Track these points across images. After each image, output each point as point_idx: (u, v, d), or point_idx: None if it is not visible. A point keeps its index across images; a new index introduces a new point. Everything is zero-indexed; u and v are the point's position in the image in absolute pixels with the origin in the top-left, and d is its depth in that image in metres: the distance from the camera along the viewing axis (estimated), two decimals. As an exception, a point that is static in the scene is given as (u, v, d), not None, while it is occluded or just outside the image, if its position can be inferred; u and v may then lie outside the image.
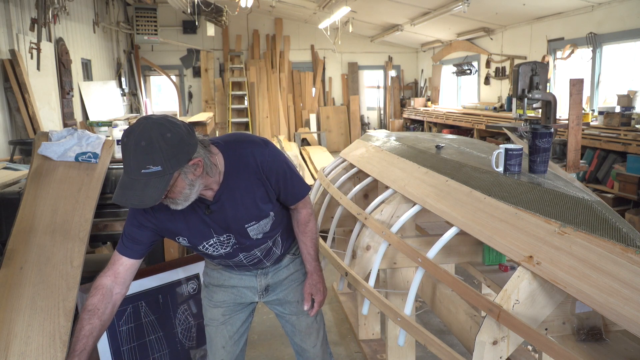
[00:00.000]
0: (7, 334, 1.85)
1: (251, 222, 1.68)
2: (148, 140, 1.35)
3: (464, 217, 1.98)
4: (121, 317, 2.12)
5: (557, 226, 1.59)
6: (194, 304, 2.30)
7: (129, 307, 2.14)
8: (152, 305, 2.19)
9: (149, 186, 1.37)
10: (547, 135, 2.15)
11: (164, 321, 2.21)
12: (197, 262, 2.37)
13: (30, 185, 2.30)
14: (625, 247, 1.38)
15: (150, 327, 2.16)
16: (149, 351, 2.16)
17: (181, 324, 2.23)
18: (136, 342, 2.13)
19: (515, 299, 1.55)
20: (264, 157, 1.63)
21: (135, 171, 1.36)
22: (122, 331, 2.11)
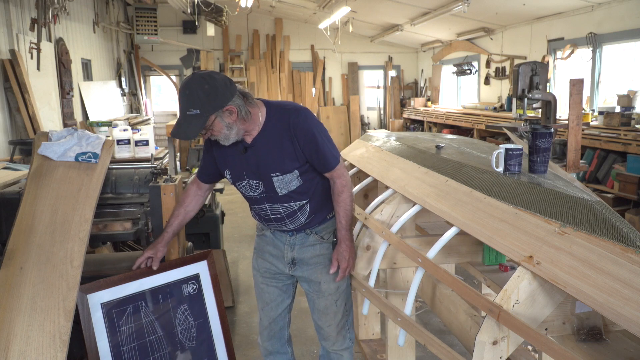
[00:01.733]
0: (7, 334, 1.85)
1: (276, 172, 1.94)
2: (190, 89, 1.79)
3: (464, 217, 1.98)
4: (121, 317, 2.11)
5: (557, 226, 1.59)
6: (194, 303, 2.29)
7: (129, 307, 2.13)
8: (152, 306, 2.19)
9: (191, 125, 1.80)
10: (547, 135, 2.15)
11: (164, 321, 2.20)
12: (198, 262, 2.36)
13: (30, 185, 2.30)
14: (625, 247, 1.38)
15: (150, 328, 2.15)
16: (149, 351, 2.15)
17: (181, 324, 2.22)
18: (136, 342, 2.12)
19: (515, 299, 1.55)
20: (298, 119, 1.92)
21: (183, 113, 1.80)
22: (122, 331, 2.10)
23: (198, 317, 2.29)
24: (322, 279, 2.11)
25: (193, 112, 1.78)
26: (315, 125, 1.96)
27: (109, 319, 2.11)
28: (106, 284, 2.13)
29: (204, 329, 2.30)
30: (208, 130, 1.86)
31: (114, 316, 2.12)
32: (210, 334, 2.31)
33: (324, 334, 2.20)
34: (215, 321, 2.32)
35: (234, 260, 4.79)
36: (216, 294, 2.34)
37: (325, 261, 2.11)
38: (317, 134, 1.94)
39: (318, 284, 2.11)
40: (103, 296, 2.12)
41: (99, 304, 2.11)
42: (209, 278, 2.32)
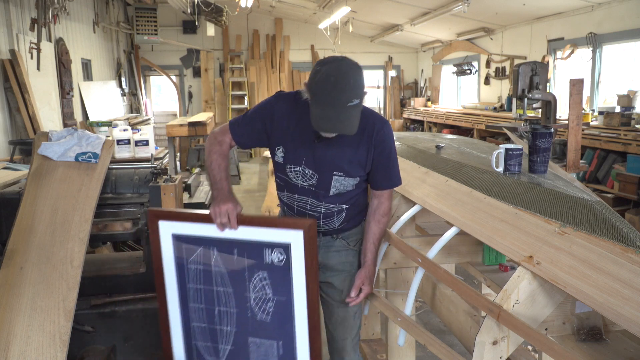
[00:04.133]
0: (7, 334, 1.85)
1: (340, 172, 1.85)
2: (354, 78, 1.65)
3: (464, 217, 1.98)
4: (190, 255, 1.89)
5: (557, 226, 1.59)
6: (277, 276, 1.84)
7: (200, 249, 1.89)
8: (225, 257, 1.88)
9: (352, 116, 1.66)
10: (547, 135, 2.15)
11: (235, 279, 1.87)
12: (292, 229, 1.82)
13: (30, 185, 2.30)
14: (625, 247, 1.38)
15: (220, 278, 1.88)
16: (215, 301, 1.90)
17: (256, 291, 1.87)
18: (203, 285, 1.90)
19: (515, 299, 1.55)
20: (383, 128, 1.86)
21: (343, 104, 1.63)
22: (190, 270, 1.90)
23: (279, 293, 1.86)
24: (344, 287, 1.99)
25: (354, 103, 1.65)
26: (393, 140, 1.91)
27: (179, 252, 1.90)
28: (178, 216, 1.91)
29: (284, 310, 1.85)
30: None
31: (183, 251, 1.90)
32: (292, 320, 1.85)
33: (338, 347, 2.06)
34: (302, 308, 1.83)
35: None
36: (309, 277, 1.81)
37: (352, 269, 2.01)
38: (393, 151, 1.91)
39: (341, 292, 1.99)
40: (175, 227, 1.89)
41: (170, 233, 1.90)
42: (303, 253, 1.80)
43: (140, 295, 2.44)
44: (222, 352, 1.92)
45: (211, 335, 1.92)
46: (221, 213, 1.75)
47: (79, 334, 2.32)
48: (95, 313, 2.36)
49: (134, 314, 2.40)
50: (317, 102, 1.66)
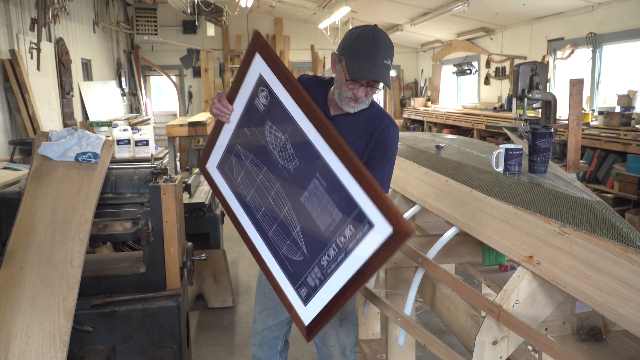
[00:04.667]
0: (7, 334, 1.86)
1: None
2: (389, 40, 1.70)
3: (464, 217, 1.98)
4: (232, 171, 1.90)
5: (557, 226, 1.59)
6: (274, 114, 1.68)
7: (232, 157, 1.89)
8: (244, 143, 1.83)
9: (387, 73, 1.69)
10: (547, 135, 2.15)
11: (261, 154, 1.76)
12: (251, 60, 1.70)
13: (30, 185, 2.30)
14: (625, 247, 1.38)
15: (255, 167, 1.80)
16: (266, 194, 1.77)
17: (274, 146, 1.70)
18: (253, 189, 1.82)
19: (515, 299, 1.55)
20: (389, 129, 1.83)
21: (380, 60, 1.65)
22: (240, 184, 1.87)
23: (284, 128, 1.67)
24: None
25: (388, 62, 1.68)
26: (395, 147, 1.86)
27: (227, 178, 1.93)
28: (207, 151, 1.97)
29: (297, 137, 1.62)
30: (376, 86, 1.72)
31: (228, 174, 1.92)
32: (308, 140, 1.59)
33: (323, 355, 2.06)
34: (307, 124, 1.59)
35: (234, 260, 4.79)
36: (291, 90, 1.61)
37: None
38: (391, 155, 1.83)
39: None
40: (214, 161, 1.96)
41: (215, 168, 1.97)
42: (270, 70, 1.64)
43: (140, 295, 2.44)
44: (298, 238, 1.70)
45: (282, 230, 1.73)
46: (213, 102, 1.83)
47: (79, 334, 2.32)
48: (95, 313, 2.36)
49: (134, 314, 2.40)
50: (355, 56, 1.67)
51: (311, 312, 1.64)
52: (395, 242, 1.39)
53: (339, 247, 1.53)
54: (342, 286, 1.54)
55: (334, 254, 1.54)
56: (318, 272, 1.60)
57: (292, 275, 1.69)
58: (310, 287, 1.63)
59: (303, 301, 1.65)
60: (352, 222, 1.48)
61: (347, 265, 1.52)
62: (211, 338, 3.31)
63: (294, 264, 1.67)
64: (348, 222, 1.49)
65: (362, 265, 1.48)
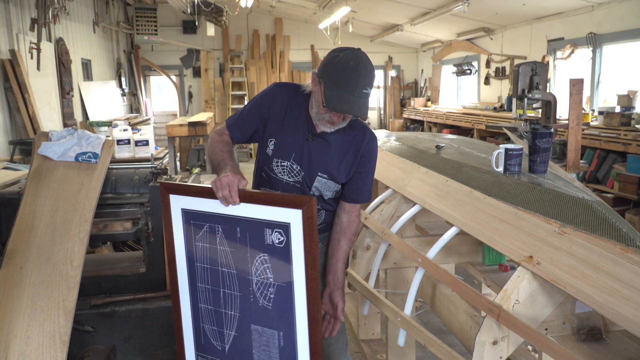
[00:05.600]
0: (7, 334, 1.86)
1: (324, 174, 1.85)
2: (371, 67, 1.70)
3: (464, 217, 1.98)
4: (198, 232, 1.84)
5: (557, 226, 1.59)
6: (277, 258, 1.72)
7: (206, 226, 1.83)
8: (229, 235, 1.79)
9: (365, 103, 1.69)
10: (547, 135, 2.15)
11: (239, 259, 1.78)
12: (290, 207, 1.68)
13: (30, 185, 2.30)
14: (625, 247, 1.38)
15: (224, 259, 1.81)
16: (220, 282, 1.81)
17: (258, 274, 1.76)
18: (209, 265, 1.84)
19: (515, 299, 1.55)
20: (372, 142, 1.87)
21: (359, 90, 1.66)
22: (198, 247, 1.84)
23: (280, 278, 1.72)
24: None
25: (368, 91, 1.69)
26: (376, 156, 1.92)
27: (187, 228, 1.83)
28: (186, 190, 1.83)
29: (285, 297, 1.71)
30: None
31: (191, 228, 1.83)
32: (292, 308, 1.70)
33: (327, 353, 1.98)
34: (301, 295, 1.68)
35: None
36: (307, 260, 1.66)
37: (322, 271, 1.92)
38: (373, 168, 1.90)
39: None
40: (184, 201, 1.83)
41: (179, 208, 1.84)
42: (301, 234, 1.64)
43: (140, 295, 2.44)
44: (227, 338, 1.86)
45: (217, 318, 1.85)
46: (222, 185, 1.63)
47: (79, 334, 2.32)
48: (95, 313, 2.36)
49: (134, 314, 2.40)
50: (334, 85, 1.68)
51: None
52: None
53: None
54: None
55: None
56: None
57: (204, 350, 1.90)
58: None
59: None
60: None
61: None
62: (211, 338, 3.30)
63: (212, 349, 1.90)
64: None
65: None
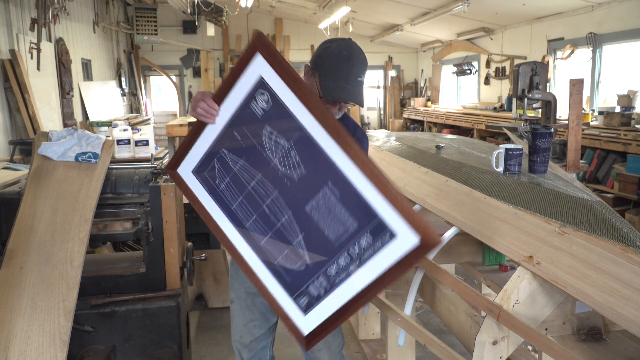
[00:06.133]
0: (7, 334, 1.86)
1: None
2: (363, 56, 1.71)
3: (464, 217, 1.98)
4: (214, 177, 1.75)
5: (557, 226, 1.59)
6: (275, 118, 1.57)
7: (215, 162, 1.74)
8: (233, 148, 1.68)
9: (361, 91, 1.72)
10: (547, 135, 2.15)
11: (255, 161, 1.64)
12: (250, 60, 1.56)
13: (30, 185, 2.30)
14: (625, 247, 1.38)
15: (246, 174, 1.68)
16: (259, 202, 1.66)
17: (274, 153, 1.59)
18: (241, 196, 1.71)
19: (515, 299, 1.55)
20: (361, 139, 1.88)
21: (354, 78, 1.68)
22: (224, 191, 1.74)
23: (289, 134, 1.55)
24: None
25: (362, 79, 1.71)
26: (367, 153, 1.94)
27: (206, 184, 1.78)
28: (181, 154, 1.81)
29: (305, 143, 1.52)
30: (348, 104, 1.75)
31: (208, 179, 1.77)
32: (320, 149, 1.49)
33: (313, 358, 2.01)
34: (319, 132, 1.48)
35: (234, 260, 4.78)
36: (296, 90, 1.49)
37: None
38: None
39: None
40: (189, 165, 1.80)
41: (191, 173, 1.81)
42: (275, 73, 1.51)
43: (140, 295, 2.44)
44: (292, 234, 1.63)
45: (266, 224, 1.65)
46: (196, 102, 1.65)
47: (79, 334, 2.32)
48: (95, 313, 2.36)
49: (134, 314, 2.40)
50: (329, 75, 1.68)
51: (312, 322, 1.60)
52: (421, 252, 1.38)
53: (351, 256, 1.49)
54: (353, 296, 1.50)
55: (345, 263, 1.50)
56: (323, 281, 1.55)
57: (290, 284, 1.63)
58: (313, 296, 1.58)
59: (302, 310, 1.61)
60: (371, 231, 1.44)
61: (361, 274, 1.48)
62: (211, 338, 3.31)
63: (292, 273, 1.61)
64: (365, 232, 1.45)
65: (380, 275, 1.44)
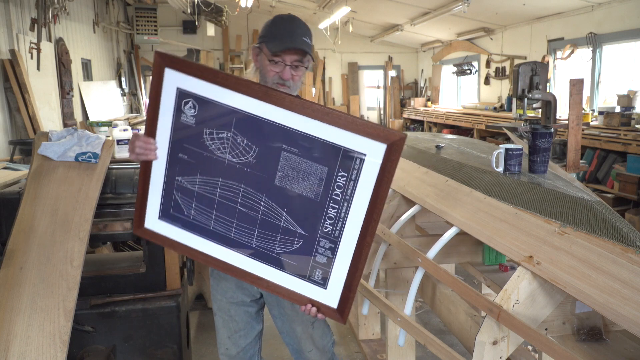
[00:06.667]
0: (7, 334, 1.86)
1: None
2: (306, 25, 1.72)
3: (464, 217, 1.98)
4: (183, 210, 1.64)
5: (557, 226, 1.59)
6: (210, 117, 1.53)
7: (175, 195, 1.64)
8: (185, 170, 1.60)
9: (307, 45, 1.68)
10: (547, 135, 2.15)
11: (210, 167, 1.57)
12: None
13: (30, 185, 2.30)
14: (625, 247, 1.38)
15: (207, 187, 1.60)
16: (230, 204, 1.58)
17: (223, 149, 1.55)
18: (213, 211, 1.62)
19: (515, 299, 1.55)
20: None
21: (299, 37, 1.66)
22: (195, 217, 1.64)
23: (227, 124, 1.52)
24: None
25: (307, 40, 1.68)
26: None
27: (177, 221, 1.64)
28: (141, 209, 1.66)
29: (245, 122, 1.50)
30: (300, 66, 1.68)
31: (177, 215, 1.63)
32: (260, 119, 1.48)
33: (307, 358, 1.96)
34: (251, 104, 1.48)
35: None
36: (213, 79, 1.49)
37: None
38: None
39: (290, 304, 1.85)
40: (153, 214, 1.66)
41: (158, 220, 1.66)
42: (189, 75, 1.51)
43: (140, 295, 2.44)
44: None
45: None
46: (131, 144, 1.62)
47: (79, 334, 2.32)
48: (95, 313, 2.37)
49: (134, 314, 2.40)
50: (274, 37, 1.67)
51: (335, 290, 1.55)
52: (395, 151, 1.41)
53: (338, 201, 1.47)
54: (358, 235, 1.48)
55: (335, 211, 1.48)
56: (325, 242, 1.52)
57: (297, 268, 1.57)
58: (323, 264, 1.54)
59: (321, 285, 1.56)
60: (342, 166, 1.44)
61: (354, 212, 1.46)
62: (211, 338, 3.31)
63: (294, 255, 1.56)
64: (337, 170, 1.45)
65: (372, 199, 1.44)
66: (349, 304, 1.55)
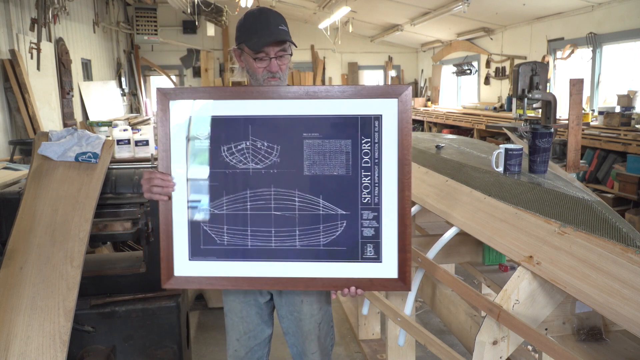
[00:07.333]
0: (7, 334, 1.86)
1: None
2: (278, 13, 1.72)
3: (464, 217, 1.98)
4: (215, 241, 1.57)
5: (557, 226, 1.59)
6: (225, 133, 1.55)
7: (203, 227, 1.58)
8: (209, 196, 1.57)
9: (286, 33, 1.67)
10: (547, 135, 2.15)
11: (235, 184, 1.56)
12: (170, 108, 1.54)
13: (30, 185, 2.30)
14: (625, 247, 1.38)
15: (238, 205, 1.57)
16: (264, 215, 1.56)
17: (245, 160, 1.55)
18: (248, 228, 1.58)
19: (515, 299, 1.55)
20: None
21: (275, 27, 1.66)
22: (229, 242, 1.58)
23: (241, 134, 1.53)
24: (304, 298, 1.84)
25: (284, 28, 1.67)
26: None
27: (212, 254, 1.58)
28: (168, 259, 1.57)
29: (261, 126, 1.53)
30: (284, 55, 1.69)
31: (210, 248, 1.58)
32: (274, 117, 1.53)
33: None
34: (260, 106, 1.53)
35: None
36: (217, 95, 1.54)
37: None
38: None
39: (300, 302, 1.84)
40: (183, 257, 1.58)
41: (190, 262, 1.58)
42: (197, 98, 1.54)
43: (140, 295, 2.44)
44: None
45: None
46: (145, 183, 1.56)
47: (79, 334, 2.32)
48: (95, 313, 2.37)
49: (134, 314, 2.40)
50: (250, 34, 1.68)
51: (391, 260, 1.54)
52: (406, 104, 1.51)
53: (368, 168, 1.52)
54: (397, 194, 1.53)
55: (369, 179, 1.52)
56: (368, 213, 1.53)
57: (350, 251, 1.54)
58: (372, 236, 1.53)
59: (376, 260, 1.54)
60: (363, 132, 1.50)
61: (387, 171, 1.51)
62: (211, 338, 3.31)
63: (342, 238, 1.53)
64: (360, 138, 1.50)
65: (399, 153, 1.51)
66: (409, 267, 1.53)
